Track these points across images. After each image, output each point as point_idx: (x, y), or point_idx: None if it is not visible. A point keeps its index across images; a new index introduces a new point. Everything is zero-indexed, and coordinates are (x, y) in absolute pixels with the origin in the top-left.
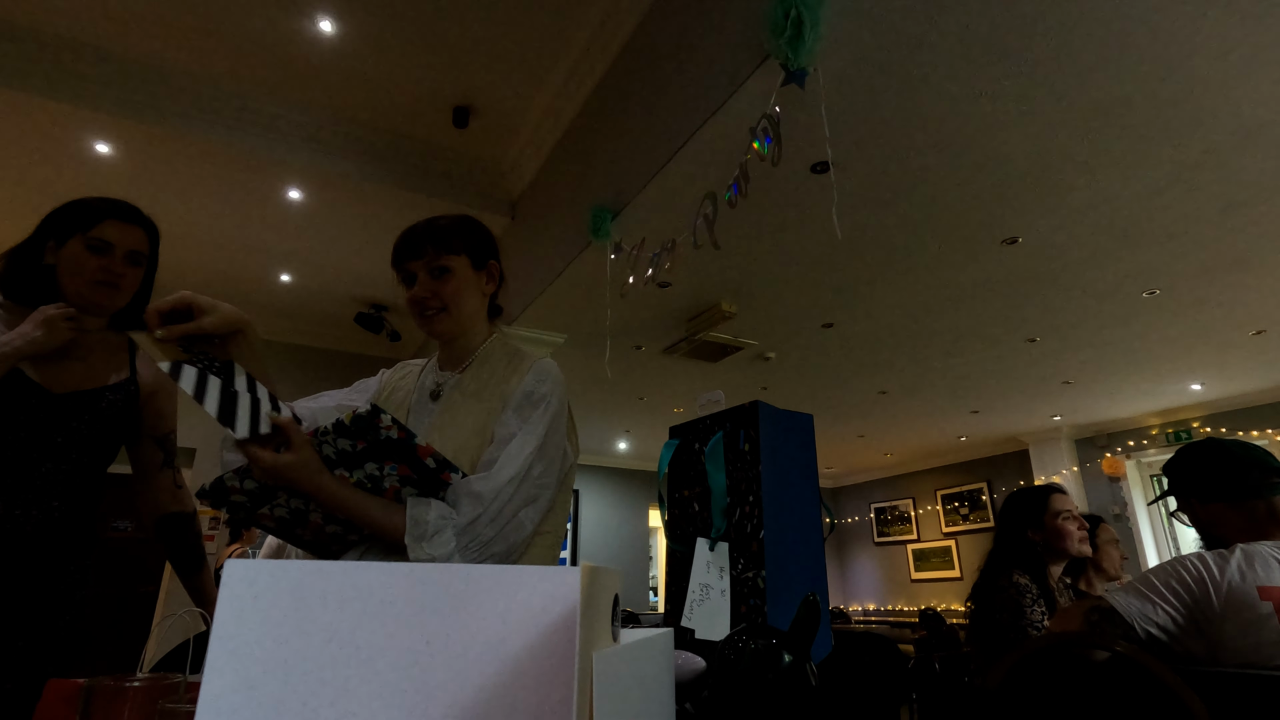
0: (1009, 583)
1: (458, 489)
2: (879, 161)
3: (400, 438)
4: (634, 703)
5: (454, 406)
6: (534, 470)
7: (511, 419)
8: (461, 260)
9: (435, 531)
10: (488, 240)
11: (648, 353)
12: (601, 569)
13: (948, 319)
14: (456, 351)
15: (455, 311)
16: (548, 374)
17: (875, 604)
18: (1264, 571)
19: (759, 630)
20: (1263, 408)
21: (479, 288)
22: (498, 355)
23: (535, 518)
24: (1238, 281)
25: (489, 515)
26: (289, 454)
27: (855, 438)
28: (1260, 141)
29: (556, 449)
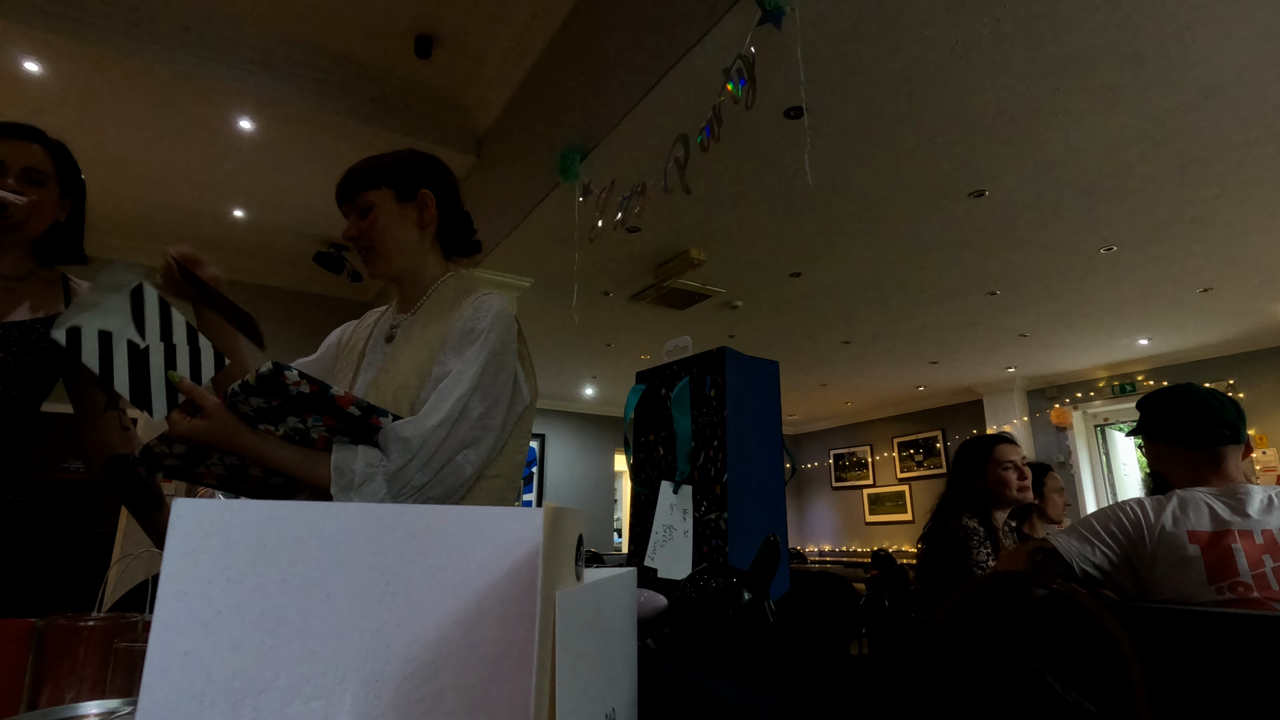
0: (958, 526)
1: (387, 434)
2: (852, 109)
3: (314, 391)
4: (596, 639)
5: (401, 349)
6: (472, 410)
7: (449, 356)
8: (383, 194)
9: (364, 480)
10: (419, 169)
11: (616, 299)
12: (565, 509)
13: (913, 271)
14: (409, 292)
15: (381, 247)
16: (488, 309)
17: (831, 545)
18: (1195, 517)
19: (720, 569)
20: (1205, 362)
21: (408, 220)
22: (449, 294)
23: (477, 460)
24: (1190, 240)
25: (420, 460)
26: (202, 419)
27: (818, 386)
28: (1221, 102)
29: (500, 387)
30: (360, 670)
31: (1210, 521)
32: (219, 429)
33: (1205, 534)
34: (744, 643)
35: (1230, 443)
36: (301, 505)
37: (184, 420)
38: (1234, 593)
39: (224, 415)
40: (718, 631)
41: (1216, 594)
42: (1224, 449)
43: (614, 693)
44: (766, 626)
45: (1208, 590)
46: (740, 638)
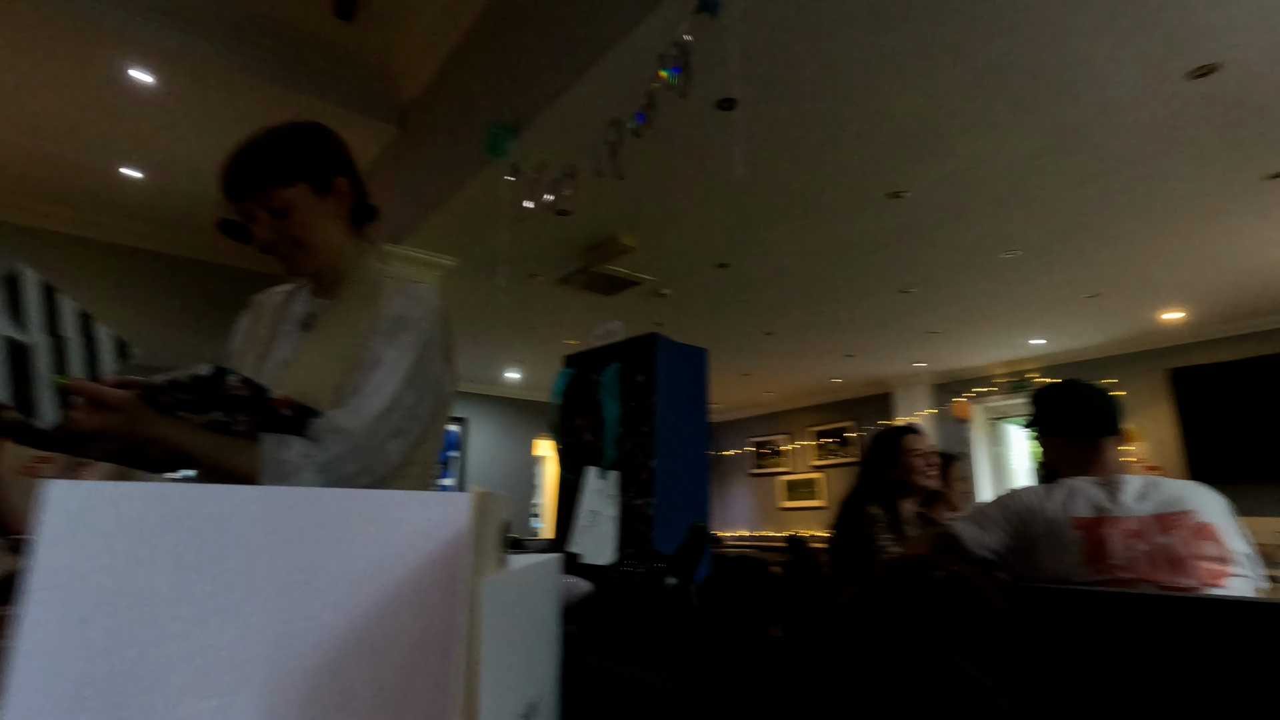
0: (864, 513)
1: (322, 425)
2: (782, 105)
3: (250, 394)
4: (520, 627)
5: (324, 335)
6: (404, 400)
7: (380, 344)
8: (300, 190)
9: (296, 470)
10: (328, 154)
11: (543, 282)
12: (492, 494)
13: (834, 267)
14: (327, 278)
15: (310, 248)
16: (420, 298)
17: (747, 530)
18: (1078, 504)
19: (645, 555)
20: (1091, 362)
21: (330, 213)
22: (371, 279)
23: (403, 448)
24: (1082, 248)
25: (355, 450)
26: (110, 414)
27: (740, 376)
28: (1117, 121)
29: (430, 378)
30: (263, 666)
31: (1091, 508)
32: (130, 421)
33: (1086, 520)
34: (668, 628)
35: (1108, 434)
36: (197, 487)
37: (90, 417)
38: (1108, 573)
39: (135, 407)
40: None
41: (1092, 574)
42: (1103, 440)
43: (536, 682)
44: (690, 611)
45: (1085, 571)
46: (664, 623)
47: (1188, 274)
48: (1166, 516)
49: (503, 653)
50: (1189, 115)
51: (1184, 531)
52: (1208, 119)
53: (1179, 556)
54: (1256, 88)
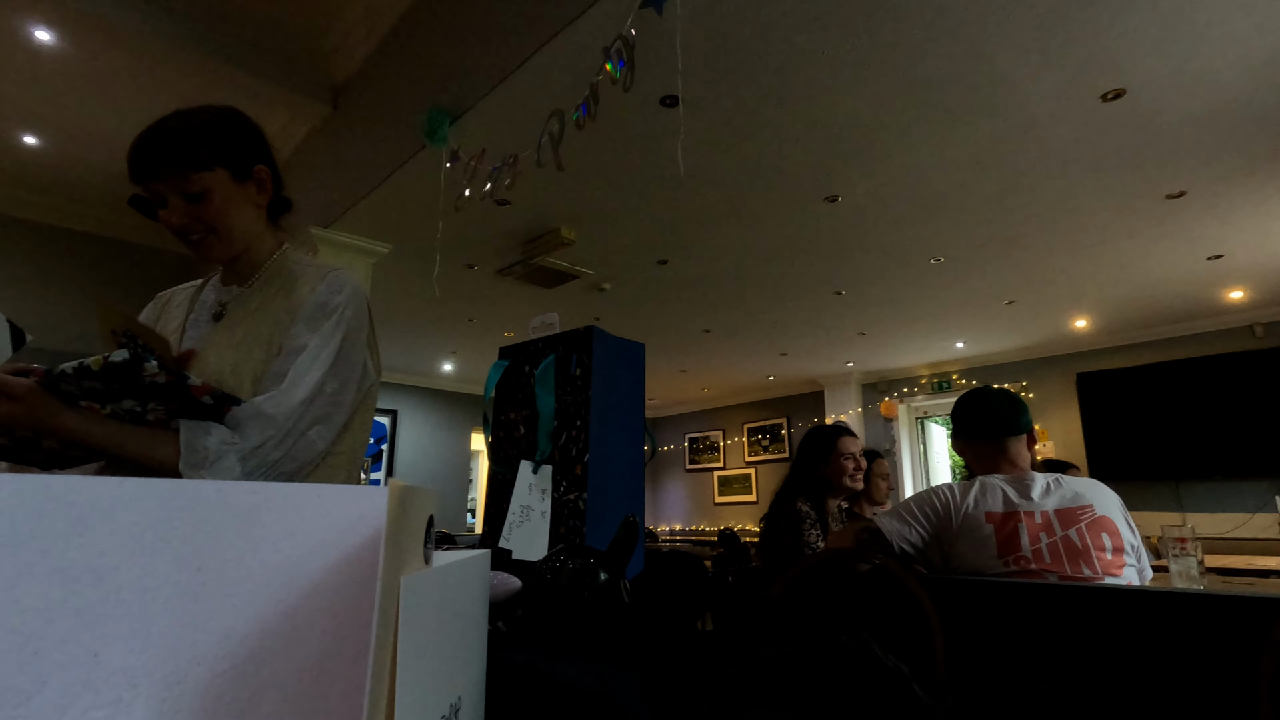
0: (794, 509)
1: (243, 412)
2: (724, 104)
3: (169, 381)
4: (445, 626)
5: (238, 323)
6: (328, 387)
7: (302, 330)
8: (219, 176)
9: (217, 458)
10: (249, 140)
11: (480, 273)
12: (414, 488)
13: (771, 267)
14: (240, 268)
15: (226, 235)
16: (343, 284)
17: (681, 524)
18: (991, 500)
19: (577, 550)
20: (1006, 365)
21: (249, 200)
22: (289, 267)
23: (328, 436)
24: (1002, 257)
25: (278, 437)
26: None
27: (678, 372)
28: (1035, 138)
29: (353, 365)
30: (158, 672)
31: (1003, 504)
32: (31, 412)
33: (998, 514)
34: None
35: (1013, 434)
36: (82, 480)
37: None
38: (1017, 565)
39: (37, 397)
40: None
41: (1004, 566)
42: (1008, 440)
43: (460, 681)
44: (621, 607)
45: (997, 563)
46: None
47: (1094, 285)
48: (1068, 511)
49: (423, 653)
50: (1100, 136)
51: (1085, 525)
52: (1116, 140)
53: (1080, 548)
54: (1159, 113)
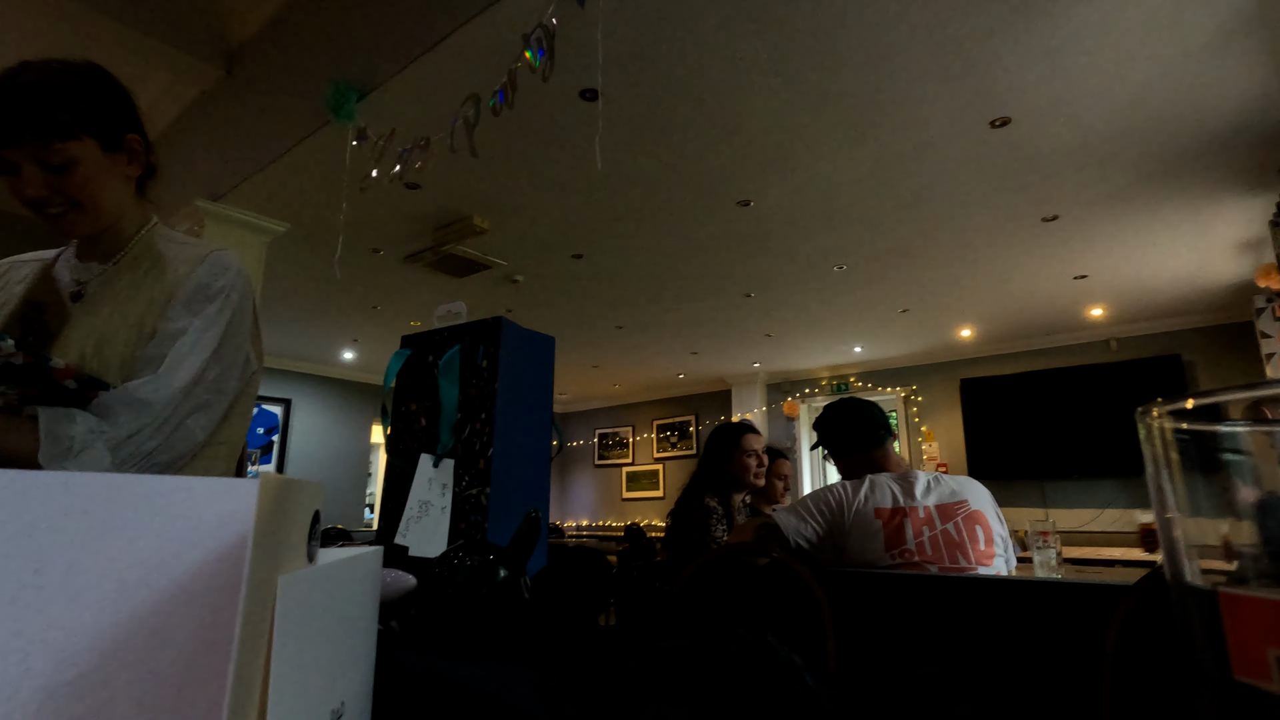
0: (701, 504)
1: (113, 398)
2: (644, 102)
3: (28, 363)
4: (328, 626)
5: (102, 303)
6: (209, 373)
7: (180, 313)
8: (86, 146)
9: (83, 447)
10: (120, 105)
11: (387, 258)
12: (294, 481)
13: (684, 266)
14: (103, 244)
15: (92, 208)
16: (227, 266)
17: (589, 520)
18: (881, 497)
19: (476, 546)
20: (898, 370)
21: (118, 172)
22: (158, 245)
23: (207, 425)
24: (898, 268)
25: (154, 425)
26: None
27: (590, 367)
28: (931, 157)
29: (237, 352)
30: None
31: (891, 501)
32: None
33: (886, 510)
34: (497, 621)
35: (890, 436)
36: None
37: None
38: (903, 558)
39: None
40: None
41: (891, 559)
42: (885, 446)
43: (345, 685)
44: (521, 603)
45: (885, 556)
46: (493, 616)
47: (978, 297)
48: (947, 506)
49: (302, 656)
50: (987, 160)
51: (961, 520)
52: (1001, 165)
53: (957, 541)
54: (1039, 142)
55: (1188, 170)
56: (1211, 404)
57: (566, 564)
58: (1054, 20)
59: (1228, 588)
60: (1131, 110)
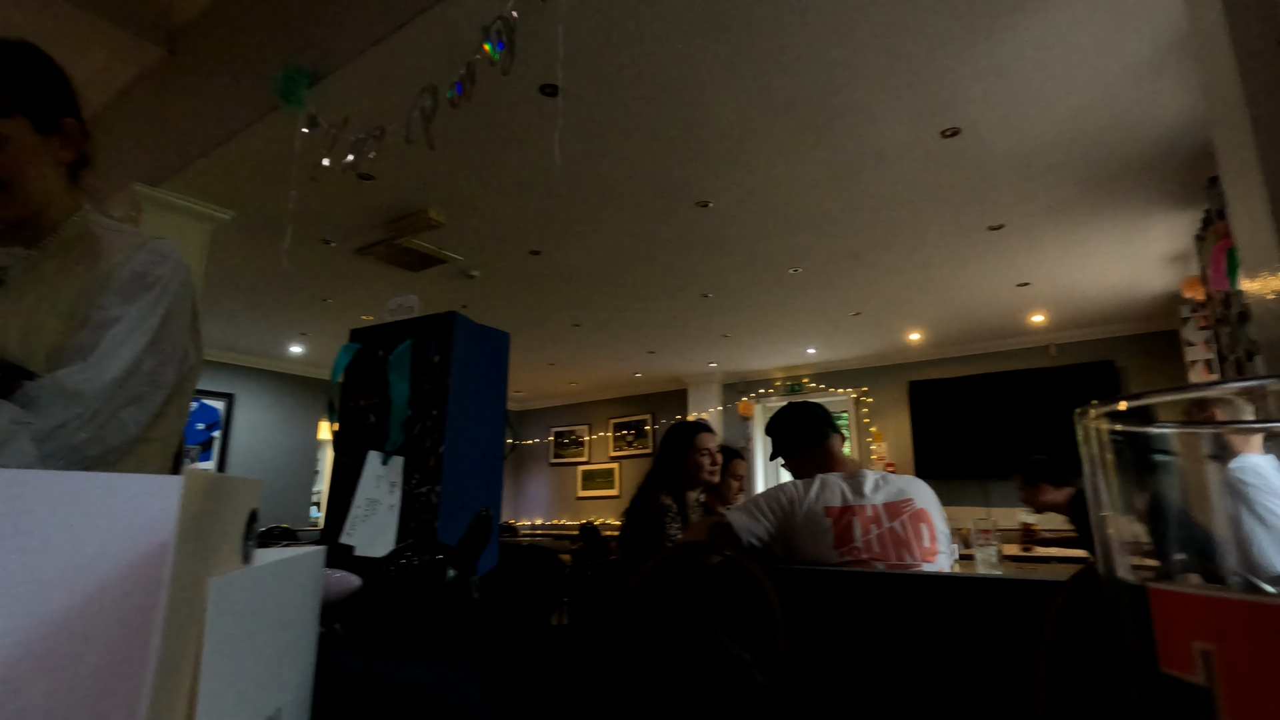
0: (656, 503)
1: (39, 388)
2: (605, 99)
3: None
4: (263, 630)
5: (26, 290)
6: (145, 364)
7: (115, 301)
8: (18, 124)
9: (5, 440)
10: (57, 86)
11: (338, 250)
12: (226, 478)
13: (643, 266)
14: (28, 228)
15: (20, 192)
16: (165, 255)
17: (543, 519)
18: (830, 496)
19: (425, 546)
20: (850, 371)
21: (50, 156)
22: (90, 231)
23: (141, 419)
24: (851, 272)
25: (85, 416)
26: None
27: (546, 365)
28: (885, 164)
29: (175, 344)
30: None
31: (840, 499)
32: None
33: (836, 509)
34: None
35: (830, 437)
36: None
37: None
38: (851, 555)
39: None
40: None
41: (839, 556)
42: (829, 442)
43: (281, 690)
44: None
45: (834, 554)
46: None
47: (927, 302)
48: (894, 505)
49: (235, 661)
50: (938, 169)
51: (907, 518)
52: (951, 174)
53: (903, 538)
54: (987, 153)
55: (1122, 185)
56: (1142, 406)
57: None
58: (1002, 35)
59: (1157, 583)
60: (1072, 125)
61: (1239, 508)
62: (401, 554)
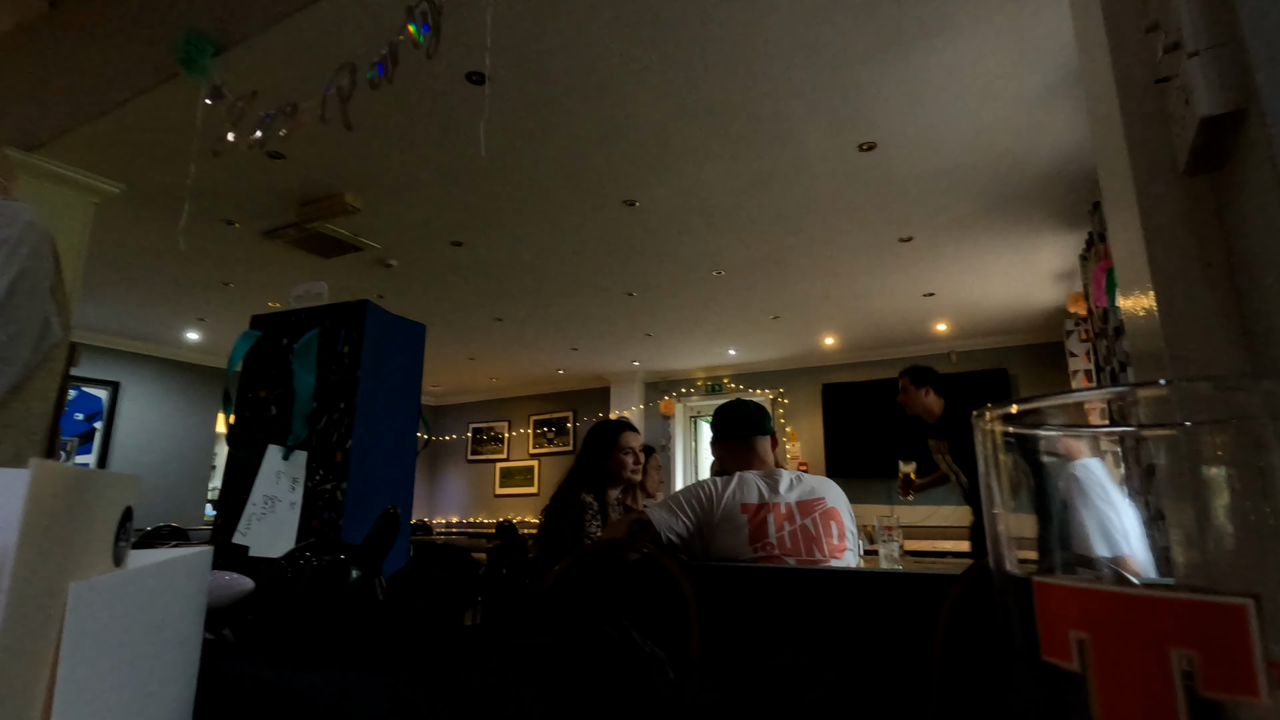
0: (576, 500)
1: None
2: (533, 91)
3: None
4: (134, 638)
5: None
6: None
7: None
8: None
9: None
10: None
11: (243, 231)
12: (92, 473)
13: (568, 261)
14: None
15: None
16: (15, 217)
17: (459, 517)
18: (747, 493)
19: (327, 545)
20: (768, 373)
21: None
22: None
23: None
24: (771, 276)
25: None
26: None
27: (466, 359)
28: (806, 174)
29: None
30: None
31: (757, 496)
32: None
33: (753, 505)
34: (348, 626)
35: (759, 434)
36: None
37: None
38: (764, 551)
39: None
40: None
41: (754, 552)
42: (754, 440)
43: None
44: (375, 606)
45: (749, 550)
46: (344, 621)
47: (841, 308)
48: (806, 503)
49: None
50: (854, 181)
51: (818, 515)
52: (867, 186)
53: (814, 535)
54: (900, 167)
55: (1019, 205)
56: (1032, 409)
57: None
58: (917, 58)
59: (1040, 576)
60: (976, 146)
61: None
62: (300, 554)
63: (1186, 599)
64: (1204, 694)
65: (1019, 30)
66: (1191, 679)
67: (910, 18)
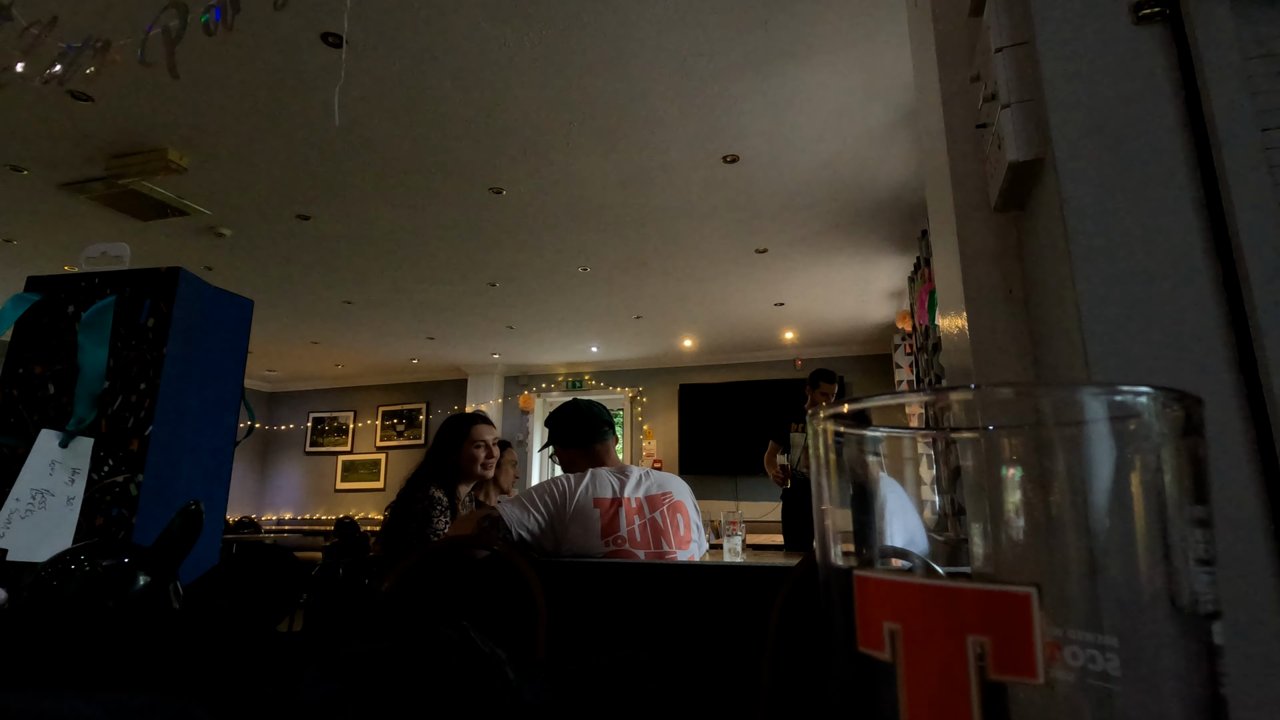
0: (425, 495)
1: None
2: (397, 62)
3: None
4: None
5: None
6: None
7: None
8: None
9: None
10: None
11: (34, 179)
12: None
13: (428, 246)
14: None
15: None
16: None
17: (294, 513)
18: (601, 488)
19: (109, 547)
20: (628, 371)
21: None
22: None
23: None
24: (635, 276)
25: None
26: None
27: (309, 344)
28: (673, 179)
29: None
30: None
31: (610, 492)
32: None
33: (606, 500)
34: (132, 640)
35: (610, 436)
36: None
37: None
38: (616, 545)
39: None
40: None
41: (605, 547)
42: (606, 442)
43: None
44: (167, 615)
45: (601, 545)
46: (126, 634)
47: (700, 312)
48: (654, 498)
49: None
50: (717, 190)
51: (665, 509)
52: (728, 196)
53: (661, 528)
54: (759, 181)
55: (861, 227)
56: (861, 409)
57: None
58: (779, 78)
59: (860, 569)
60: (827, 169)
61: (879, 497)
62: (71, 558)
63: (982, 589)
64: (993, 677)
65: (867, 67)
66: (984, 663)
67: (774, 40)
